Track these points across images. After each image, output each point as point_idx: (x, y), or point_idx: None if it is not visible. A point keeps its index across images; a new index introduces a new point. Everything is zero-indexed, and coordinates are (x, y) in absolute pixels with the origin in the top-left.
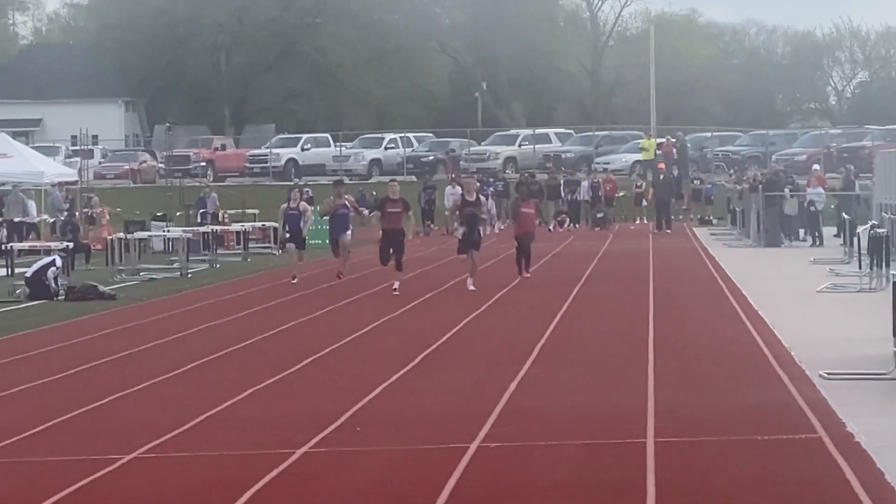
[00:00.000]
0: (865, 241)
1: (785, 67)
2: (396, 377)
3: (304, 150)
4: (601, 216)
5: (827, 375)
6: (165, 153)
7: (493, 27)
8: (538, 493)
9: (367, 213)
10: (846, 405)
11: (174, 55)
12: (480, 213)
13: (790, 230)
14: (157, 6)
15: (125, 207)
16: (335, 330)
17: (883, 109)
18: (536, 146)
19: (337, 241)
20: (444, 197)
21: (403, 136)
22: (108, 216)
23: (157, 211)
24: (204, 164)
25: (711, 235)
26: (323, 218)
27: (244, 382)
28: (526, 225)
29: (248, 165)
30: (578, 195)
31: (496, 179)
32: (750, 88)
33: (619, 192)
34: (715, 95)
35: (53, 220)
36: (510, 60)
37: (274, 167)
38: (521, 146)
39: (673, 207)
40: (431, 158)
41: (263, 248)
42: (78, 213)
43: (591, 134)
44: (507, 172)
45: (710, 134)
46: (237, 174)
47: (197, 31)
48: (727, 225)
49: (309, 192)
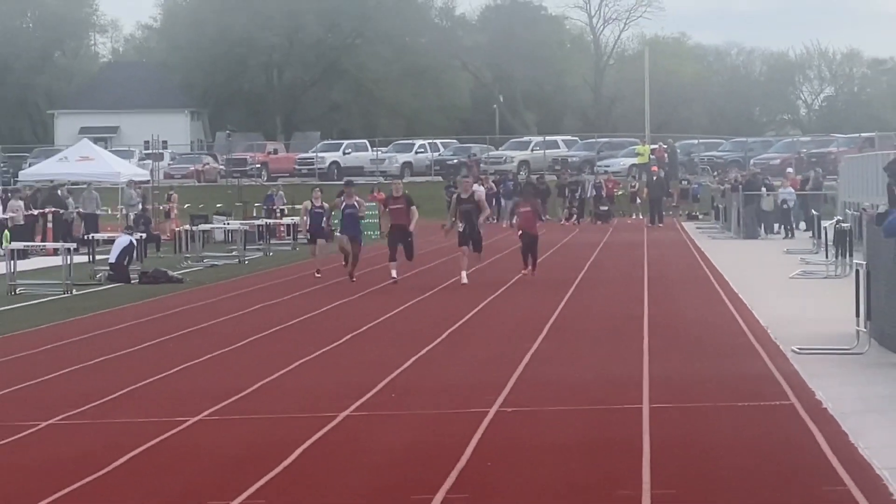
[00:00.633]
0: (832, 234)
1: (761, 83)
2: (425, 351)
3: (345, 154)
4: (605, 209)
5: (798, 350)
6: (225, 156)
7: (508, 48)
8: (548, 450)
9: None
10: (815, 376)
11: (233, 72)
12: (476, 209)
13: (766, 224)
14: (218, 29)
15: (190, 203)
16: (371, 311)
17: (846, 120)
18: (546, 151)
19: (351, 239)
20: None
21: (431, 142)
22: (176, 210)
23: (218, 206)
24: (259, 165)
25: (698, 229)
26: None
27: (294, 355)
28: (524, 223)
29: (296, 167)
30: (584, 193)
31: (509, 179)
32: (731, 101)
33: (617, 191)
34: (701, 107)
35: (127, 213)
36: (523, 77)
37: (319, 169)
38: (532, 151)
39: (664, 204)
40: (455, 161)
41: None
42: (150, 207)
43: (593, 140)
44: (520, 174)
45: (696, 141)
46: (287, 175)
47: (253, 50)
48: (711, 220)
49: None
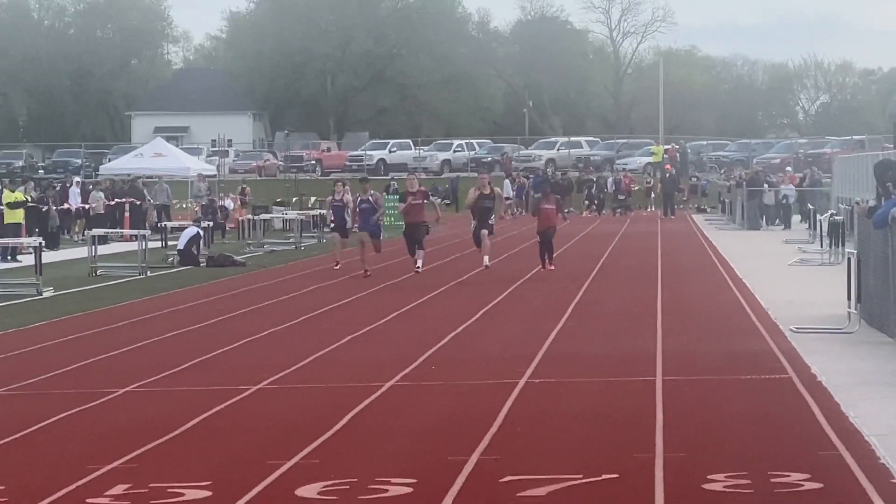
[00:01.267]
0: (826, 226)
1: (763, 91)
2: (461, 328)
3: (391, 152)
4: (623, 199)
5: (795, 329)
6: (284, 153)
7: (537, 59)
8: (571, 417)
9: (438, 201)
10: (810, 353)
11: (291, 78)
12: (494, 205)
13: (767, 217)
14: (278, 40)
15: (252, 195)
16: (412, 293)
17: (840, 124)
18: (570, 150)
19: (368, 233)
20: (502, 188)
21: (468, 141)
22: (249, 199)
23: (277, 198)
24: (314, 162)
25: (706, 220)
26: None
27: (344, 330)
28: (547, 220)
29: (347, 164)
30: (605, 188)
31: (538, 175)
32: (736, 107)
33: (634, 186)
34: (709, 112)
35: (196, 204)
36: (550, 84)
37: (367, 165)
38: (558, 150)
39: (676, 199)
40: (489, 159)
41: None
42: (216, 198)
43: (613, 141)
44: (547, 170)
45: (705, 142)
46: (339, 170)
47: (309, 59)
48: (718, 212)
49: (394, 184)
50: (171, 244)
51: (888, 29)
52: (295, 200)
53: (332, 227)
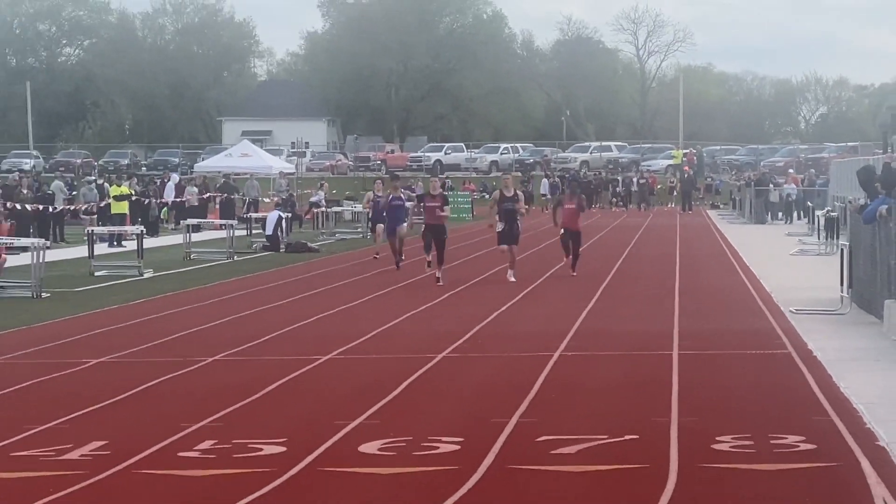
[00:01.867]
0: (823, 221)
1: (770, 103)
2: (504, 307)
3: (446, 154)
4: (650, 195)
5: (795, 311)
6: (353, 154)
7: (574, 74)
8: (599, 386)
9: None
10: (808, 331)
11: (360, 89)
12: (518, 208)
13: (772, 213)
14: (349, 56)
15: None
16: (462, 276)
17: (836, 133)
18: (602, 153)
19: (394, 230)
20: (539, 186)
21: (513, 145)
22: (324, 194)
23: (347, 192)
24: (379, 162)
25: (719, 215)
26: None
27: (402, 309)
28: (567, 220)
29: (408, 164)
30: (631, 187)
31: (572, 177)
32: (746, 117)
33: (657, 185)
34: (722, 121)
35: (278, 198)
36: (585, 96)
37: (426, 165)
38: (591, 153)
39: (693, 196)
40: (531, 161)
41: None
42: (294, 193)
43: (638, 146)
44: (582, 171)
45: (718, 147)
46: (401, 170)
47: (376, 73)
48: (730, 208)
49: (449, 182)
50: (255, 233)
51: (880, 49)
52: (363, 195)
53: (370, 221)
